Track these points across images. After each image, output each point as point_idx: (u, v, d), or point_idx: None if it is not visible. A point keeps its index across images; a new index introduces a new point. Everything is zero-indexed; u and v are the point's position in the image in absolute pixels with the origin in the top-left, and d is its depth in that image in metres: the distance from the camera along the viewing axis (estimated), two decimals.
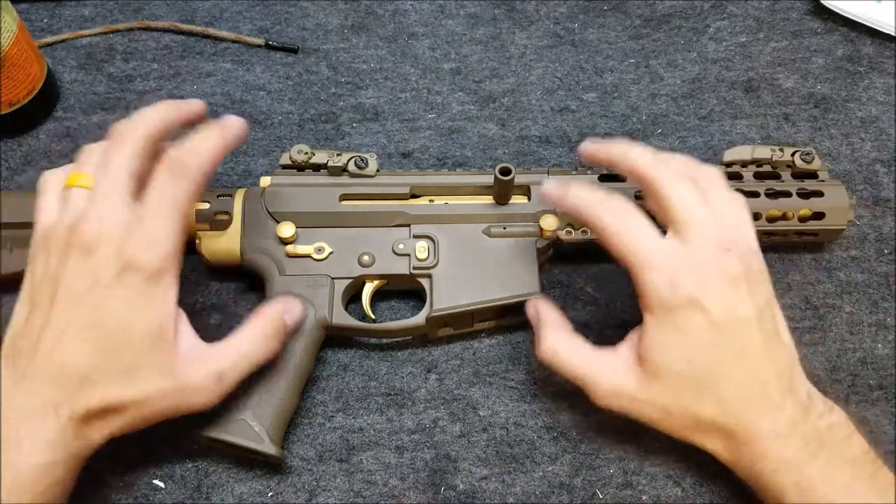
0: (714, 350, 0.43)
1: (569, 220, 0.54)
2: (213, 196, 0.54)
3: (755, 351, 0.43)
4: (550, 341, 0.47)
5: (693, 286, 0.42)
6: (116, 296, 0.41)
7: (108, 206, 0.42)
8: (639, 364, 0.45)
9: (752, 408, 0.43)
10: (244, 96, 0.66)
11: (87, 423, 0.41)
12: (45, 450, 0.40)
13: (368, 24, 0.71)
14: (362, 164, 0.55)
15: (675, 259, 0.43)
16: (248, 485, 0.49)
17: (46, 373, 0.40)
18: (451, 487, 0.50)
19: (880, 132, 0.64)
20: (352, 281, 0.53)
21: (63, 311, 0.41)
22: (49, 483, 0.40)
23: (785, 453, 0.43)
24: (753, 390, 0.43)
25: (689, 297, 0.42)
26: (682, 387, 0.44)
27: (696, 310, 0.42)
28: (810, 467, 0.42)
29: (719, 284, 0.43)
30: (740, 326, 0.43)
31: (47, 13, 0.70)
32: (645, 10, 0.72)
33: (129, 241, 0.41)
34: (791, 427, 0.43)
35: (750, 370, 0.43)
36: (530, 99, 0.67)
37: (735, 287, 0.43)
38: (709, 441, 0.45)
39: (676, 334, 0.43)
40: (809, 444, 0.43)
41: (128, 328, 0.41)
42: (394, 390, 0.53)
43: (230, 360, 0.44)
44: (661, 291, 0.43)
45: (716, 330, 0.43)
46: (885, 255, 0.58)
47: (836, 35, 0.70)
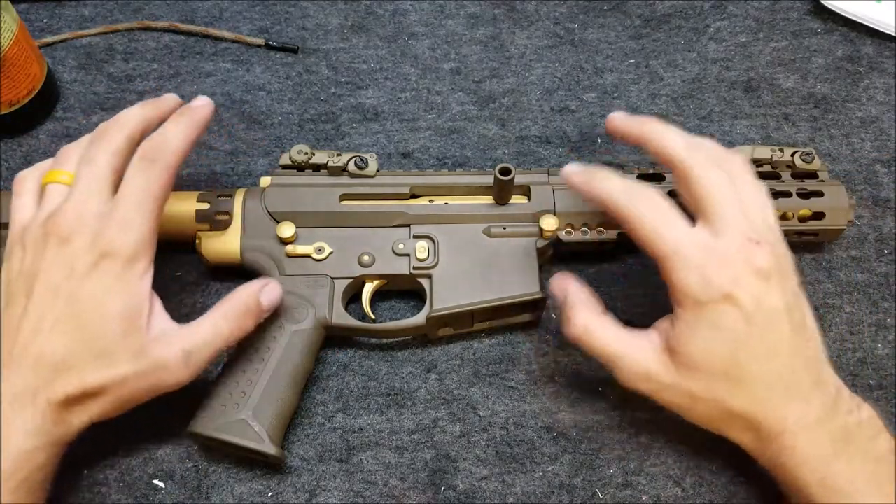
0: (745, 344, 0.43)
1: (569, 219, 0.54)
2: (213, 196, 0.54)
3: (785, 344, 0.43)
4: (581, 319, 0.46)
5: (725, 281, 0.42)
6: (92, 283, 0.42)
7: (85, 198, 0.43)
8: (669, 354, 0.44)
9: (780, 401, 0.43)
10: (244, 96, 0.66)
11: (66, 409, 0.42)
12: (25, 437, 0.41)
13: (368, 24, 0.71)
14: (362, 165, 0.55)
15: (707, 253, 0.43)
16: (248, 485, 0.49)
17: (25, 362, 0.41)
18: (451, 487, 0.50)
19: (880, 132, 0.64)
20: (352, 281, 0.53)
21: (40, 302, 0.42)
22: (31, 469, 0.41)
23: (811, 449, 0.43)
24: (783, 384, 0.43)
25: (721, 293, 0.42)
26: (713, 378, 0.43)
27: (729, 304, 0.42)
28: (836, 464, 0.42)
29: (751, 278, 0.42)
30: (771, 319, 0.43)
31: (47, 13, 0.70)
32: (645, 10, 0.72)
33: (105, 229, 0.42)
34: (818, 422, 0.43)
35: (780, 363, 0.43)
36: (530, 99, 0.67)
37: (766, 280, 0.43)
38: (734, 431, 0.45)
39: (708, 328, 0.43)
40: (836, 440, 0.43)
41: (103, 314, 0.42)
42: (394, 390, 0.53)
43: (199, 340, 0.44)
44: (693, 287, 0.42)
45: (748, 324, 0.42)
46: (885, 255, 0.58)
47: (836, 35, 0.70)
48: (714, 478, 0.50)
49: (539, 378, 0.53)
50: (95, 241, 0.42)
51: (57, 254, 0.42)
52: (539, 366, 0.54)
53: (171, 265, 0.57)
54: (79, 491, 0.49)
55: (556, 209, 0.54)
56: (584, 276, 0.57)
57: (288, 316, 0.51)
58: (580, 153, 0.64)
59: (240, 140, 0.64)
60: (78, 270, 0.42)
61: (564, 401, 0.52)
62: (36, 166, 0.48)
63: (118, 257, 0.42)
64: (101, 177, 0.44)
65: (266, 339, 0.50)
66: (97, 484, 0.49)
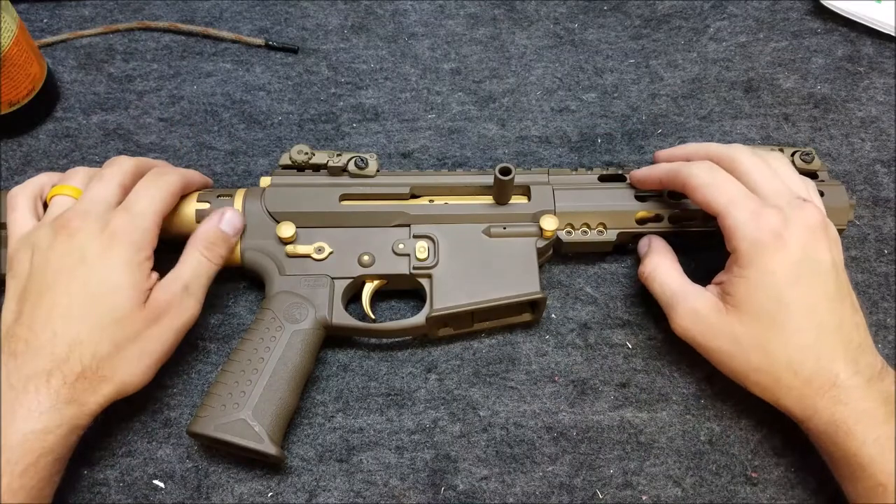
0: (792, 288, 0.45)
1: (569, 219, 0.54)
2: (213, 196, 0.54)
3: (831, 299, 0.46)
4: (654, 262, 0.52)
5: (776, 223, 0.46)
6: (103, 266, 0.45)
7: (93, 201, 0.47)
8: (722, 299, 0.48)
9: (827, 353, 0.45)
10: (244, 96, 0.66)
11: (81, 385, 0.44)
12: (37, 418, 0.42)
13: (368, 24, 0.71)
14: (362, 165, 0.55)
15: (760, 203, 0.47)
16: (248, 485, 0.49)
17: (39, 344, 0.43)
18: (451, 487, 0.50)
19: (880, 132, 0.64)
20: (352, 281, 0.53)
21: (53, 289, 0.45)
22: (40, 452, 0.42)
23: (864, 405, 0.43)
24: (831, 336, 0.45)
25: (772, 231, 0.45)
26: (759, 321, 0.45)
27: (779, 245, 0.45)
28: (890, 424, 0.43)
29: (799, 227, 0.46)
30: (817, 271, 0.46)
31: (47, 13, 0.70)
32: (645, 10, 0.72)
33: (113, 218, 0.47)
34: (868, 381, 0.44)
35: (825, 316, 0.45)
36: (530, 99, 0.67)
37: (813, 233, 0.46)
38: (780, 389, 0.46)
39: (758, 270, 0.46)
40: (888, 402, 0.43)
41: (115, 292, 0.45)
42: (394, 390, 0.53)
43: (189, 272, 0.49)
44: (747, 225, 0.46)
45: (796, 267, 0.45)
46: (885, 255, 0.58)
47: (836, 35, 0.70)
48: (714, 478, 0.50)
49: (539, 378, 0.53)
50: (104, 228, 0.46)
51: (67, 245, 0.45)
52: (539, 366, 0.54)
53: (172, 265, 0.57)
54: (79, 491, 0.49)
55: (556, 209, 0.54)
56: (584, 276, 0.57)
57: (288, 316, 0.51)
58: (580, 153, 0.64)
59: (240, 140, 0.64)
60: (89, 257, 0.45)
61: (564, 401, 0.52)
62: (26, 183, 0.51)
63: (125, 242, 0.46)
64: (109, 188, 0.49)
65: (266, 338, 0.50)
66: (97, 484, 0.49)
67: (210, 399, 0.48)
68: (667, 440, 0.51)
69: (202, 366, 0.53)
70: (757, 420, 0.51)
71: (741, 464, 0.50)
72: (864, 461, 0.43)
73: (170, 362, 0.53)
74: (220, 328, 0.55)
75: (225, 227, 0.51)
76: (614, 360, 0.54)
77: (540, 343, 0.55)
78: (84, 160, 0.62)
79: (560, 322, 0.55)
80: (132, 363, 0.46)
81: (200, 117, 0.65)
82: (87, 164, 0.62)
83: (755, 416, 0.51)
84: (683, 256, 0.55)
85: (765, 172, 0.49)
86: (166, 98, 0.66)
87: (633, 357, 0.54)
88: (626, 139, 0.64)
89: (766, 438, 0.51)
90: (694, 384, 0.53)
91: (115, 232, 0.46)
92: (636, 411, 0.52)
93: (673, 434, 0.51)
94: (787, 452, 0.50)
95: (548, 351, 0.54)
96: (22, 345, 0.43)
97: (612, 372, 0.53)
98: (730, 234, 0.47)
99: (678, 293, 0.50)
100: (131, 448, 0.50)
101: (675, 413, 0.52)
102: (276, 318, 0.50)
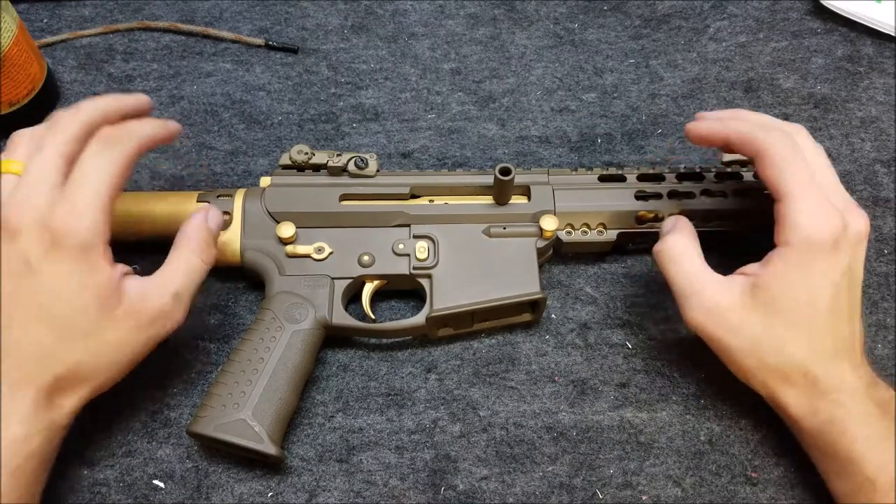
0: (830, 297, 0.44)
1: (569, 219, 0.54)
2: (212, 196, 0.54)
3: (855, 309, 0.46)
4: (674, 240, 0.48)
5: (837, 226, 0.44)
6: (49, 273, 0.41)
7: (32, 188, 0.42)
8: (750, 293, 0.45)
9: (840, 360, 0.45)
10: (244, 96, 0.66)
11: (57, 392, 0.42)
12: (18, 424, 0.41)
13: (368, 24, 0.71)
14: (362, 165, 0.55)
15: (825, 202, 0.44)
16: (248, 485, 0.49)
17: (7, 355, 0.41)
18: (451, 487, 0.50)
19: (880, 132, 0.64)
20: (352, 281, 0.53)
21: (6, 297, 0.42)
22: (26, 455, 0.41)
23: (861, 407, 0.44)
24: (846, 344, 0.45)
25: (831, 240, 0.44)
26: (787, 323, 0.45)
27: (834, 251, 0.44)
28: (881, 424, 0.44)
29: (853, 235, 0.45)
30: (854, 283, 0.46)
31: (47, 13, 0.70)
32: (645, 10, 0.72)
33: (54, 215, 0.41)
34: (867, 386, 0.45)
35: (848, 326, 0.45)
36: (530, 99, 0.67)
37: (859, 244, 0.45)
38: (785, 388, 0.46)
39: (804, 271, 0.44)
40: (880, 404, 0.44)
41: (70, 299, 0.42)
42: (394, 390, 0.53)
43: (180, 280, 0.46)
44: (812, 224, 0.44)
45: (839, 276, 0.44)
46: (885, 255, 0.58)
47: (836, 35, 0.70)
48: (714, 478, 0.50)
49: (539, 378, 0.53)
50: (43, 231, 0.41)
51: (10, 248, 0.41)
52: (539, 366, 0.54)
53: None
54: (79, 491, 0.49)
55: (556, 209, 0.54)
56: (584, 276, 0.57)
57: (288, 316, 0.51)
58: (580, 153, 0.64)
59: (240, 140, 0.64)
60: (33, 263, 0.41)
61: (564, 401, 0.52)
62: None
63: (69, 245, 0.41)
64: (50, 164, 0.42)
65: (266, 339, 0.50)
66: (97, 484, 0.49)
67: (210, 399, 0.48)
68: (667, 440, 0.51)
69: (202, 366, 0.53)
70: (757, 420, 0.51)
71: (741, 464, 0.50)
72: (855, 457, 0.44)
73: (170, 362, 0.53)
74: (220, 328, 0.55)
75: (213, 225, 0.49)
76: (614, 360, 0.54)
77: (540, 343, 0.55)
78: None
79: (560, 322, 0.55)
80: (111, 368, 0.44)
81: (200, 117, 0.65)
82: None
83: (755, 416, 0.51)
84: None
85: (826, 165, 0.46)
86: (166, 98, 0.66)
87: (633, 357, 0.54)
88: (626, 139, 0.64)
89: (766, 438, 0.51)
90: (694, 384, 0.53)
91: (57, 233, 0.41)
92: (636, 411, 0.52)
93: (673, 434, 0.51)
94: (787, 452, 0.50)
95: (548, 351, 0.54)
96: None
97: (612, 372, 0.53)
98: (789, 226, 0.44)
99: (697, 281, 0.46)
100: (131, 448, 0.50)
101: (675, 413, 0.52)
102: (276, 318, 0.50)
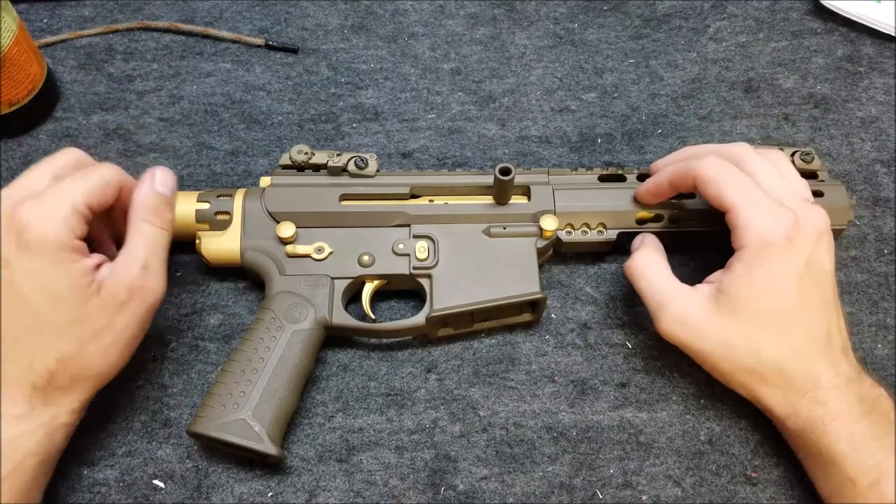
0: (794, 293, 0.45)
1: (569, 219, 0.54)
2: (212, 196, 0.54)
3: (827, 304, 0.46)
4: (642, 256, 0.50)
5: (789, 223, 0.45)
6: (27, 268, 0.42)
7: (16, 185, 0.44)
8: (715, 299, 0.46)
9: (815, 357, 0.45)
10: (244, 96, 0.66)
11: (52, 387, 0.43)
12: (14, 422, 0.41)
13: (368, 24, 0.71)
14: (362, 165, 0.55)
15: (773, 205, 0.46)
16: (248, 485, 0.49)
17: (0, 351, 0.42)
18: (451, 487, 0.50)
19: (880, 132, 0.64)
20: (352, 281, 0.53)
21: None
22: (24, 453, 0.42)
23: (842, 404, 0.44)
24: (819, 340, 0.46)
25: (785, 232, 0.45)
26: (755, 323, 0.45)
27: (789, 247, 0.45)
28: (863, 422, 0.44)
29: (809, 232, 0.46)
30: (820, 278, 0.46)
31: (47, 13, 0.70)
32: (645, 10, 0.72)
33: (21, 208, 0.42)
34: (847, 382, 0.45)
35: (819, 321, 0.46)
36: (530, 99, 0.67)
37: (819, 239, 0.46)
38: (764, 388, 0.46)
39: (764, 271, 0.45)
40: (863, 402, 0.44)
41: (50, 291, 0.42)
42: (394, 390, 0.53)
43: (141, 251, 0.45)
44: (760, 224, 0.45)
45: (800, 271, 0.45)
46: (885, 255, 0.58)
47: (836, 35, 0.70)
48: (714, 478, 0.50)
49: (539, 378, 0.53)
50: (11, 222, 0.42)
51: None
52: (539, 366, 0.54)
53: (171, 265, 0.57)
54: (79, 491, 0.49)
55: (556, 209, 0.54)
56: (584, 276, 0.57)
57: (288, 316, 0.51)
58: (580, 153, 0.64)
59: (240, 140, 0.64)
60: (7, 258, 0.42)
61: (564, 401, 0.52)
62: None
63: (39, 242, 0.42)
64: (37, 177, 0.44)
65: (266, 338, 0.50)
66: (97, 484, 0.49)
67: (210, 399, 0.48)
68: (667, 440, 0.51)
69: (202, 366, 0.53)
70: (757, 420, 0.51)
71: (741, 464, 0.50)
72: (837, 457, 0.44)
73: (170, 362, 0.53)
74: (220, 328, 0.55)
75: (160, 187, 0.47)
76: (614, 360, 0.54)
77: (540, 343, 0.55)
78: None
79: (560, 322, 0.55)
80: (103, 356, 0.44)
81: (200, 117, 0.65)
82: None
83: (755, 416, 0.51)
84: (682, 257, 0.55)
85: (771, 172, 0.48)
86: (166, 98, 0.66)
87: (633, 357, 0.54)
88: (626, 139, 0.64)
89: (766, 438, 0.51)
90: (694, 384, 0.53)
91: (24, 224, 0.42)
92: (636, 411, 0.52)
93: (673, 434, 0.51)
94: (787, 452, 0.50)
95: (548, 351, 0.54)
96: None
97: (612, 372, 0.53)
98: (741, 230, 0.46)
99: (666, 292, 0.48)
100: (131, 448, 0.50)
101: (675, 413, 0.52)
102: (276, 318, 0.50)
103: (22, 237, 0.42)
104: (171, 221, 0.47)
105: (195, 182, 0.61)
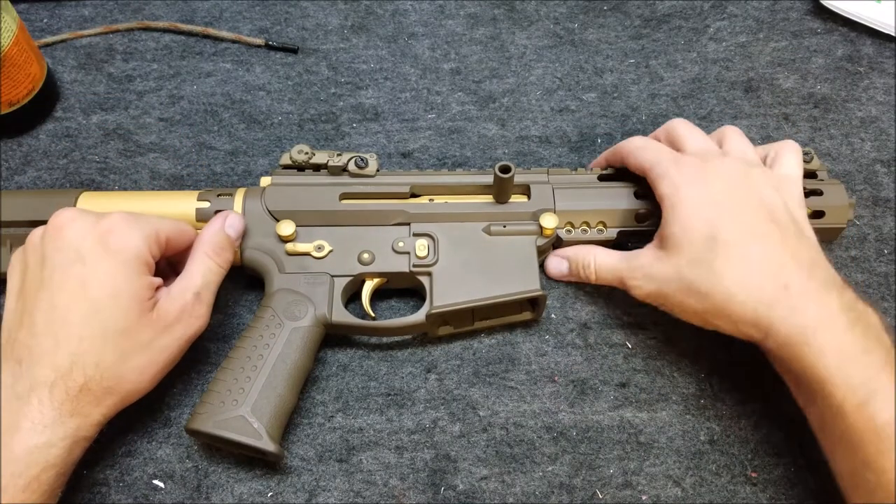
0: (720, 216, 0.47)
1: (569, 217, 0.55)
2: (213, 195, 0.54)
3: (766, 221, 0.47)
4: (587, 258, 0.53)
5: (695, 164, 0.49)
6: (101, 266, 0.44)
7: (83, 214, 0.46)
8: (661, 246, 0.49)
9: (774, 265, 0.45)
10: (244, 96, 0.66)
11: (84, 397, 0.43)
12: (41, 431, 0.41)
13: (368, 24, 0.71)
14: (362, 164, 0.55)
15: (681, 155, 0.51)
16: (248, 485, 0.49)
17: (41, 352, 0.43)
18: (451, 487, 0.50)
19: (880, 132, 0.64)
20: (351, 279, 0.53)
21: (49, 288, 0.44)
22: (44, 465, 0.41)
23: (820, 311, 0.43)
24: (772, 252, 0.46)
25: (692, 172, 0.49)
26: (699, 252, 0.46)
27: (700, 181, 0.48)
28: (850, 333, 0.42)
29: (718, 169, 0.49)
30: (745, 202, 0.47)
31: (47, 13, 0.70)
32: (645, 10, 0.72)
33: (108, 216, 0.46)
34: (825, 286, 0.44)
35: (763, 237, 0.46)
36: (530, 99, 0.67)
37: (748, 167, 0.49)
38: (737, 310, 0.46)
39: (685, 205, 0.48)
40: (848, 311, 0.43)
41: (115, 295, 0.44)
42: (394, 390, 0.53)
43: (198, 280, 0.48)
44: (668, 171, 0.49)
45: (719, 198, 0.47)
46: (885, 255, 0.58)
47: (836, 35, 0.70)
48: (714, 478, 0.50)
49: (539, 378, 0.53)
50: (96, 224, 0.45)
51: (59, 240, 0.44)
52: (539, 366, 0.54)
53: None
54: (79, 491, 0.49)
55: (556, 208, 0.54)
56: None
57: (287, 313, 0.51)
58: (580, 153, 0.64)
59: (240, 140, 0.64)
60: (84, 253, 0.44)
61: (564, 401, 0.52)
62: None
63: (122, 242, 0.45)
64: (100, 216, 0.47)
65: (265, 336, 0.50)
66: (97, 484, 0.49)
67: (209, 396, 0.48)
68: (667, 440, 0.51)
69: (202, 366, 0.53)
70: (757, 420, 0.51)
71: (741, 464, 0.50)
72: (822, 374, 0.42)
73: None
74: (220, 328, 0.55)
75: (230, 230, 0.51)
76: (614, 360, 0.54)
77: (540, 343, 0.54)
78: (84, 160, 0.62)
79: (560, 322, 0.55)
80: (138, 373, 0.45)
81: (200, 117, 0.65)
82: (87, 164, 0.62)
83: (755, 416, 0.51)
84: None
85: (696, 137, 0.52)
86: (166, 98, 0.66)
87: (633, 357, 0.54)
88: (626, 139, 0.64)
89: (766, 438, 0.51)
90: (694, 384, 0.53)
91: (110, 229, 0.45)
92: (636, 411, 0.52)
93: (673, 434, 0.51)
94: (787, 452, 0.50)
95: (548, 351, 0.54)
96: (26, 351, 0.43)
97: (612, 372, 0.53)
98: (656, 184, 0.50)
99: (621, 262, 0.51)
100: (131, 448, 0.50)
101: (675, 413, 0.52)
102: (275, 315, 0.50)
103: (104, 238, 0.45)
104: (229, 262, 0.50)
105: (195, 182, 0.61)
